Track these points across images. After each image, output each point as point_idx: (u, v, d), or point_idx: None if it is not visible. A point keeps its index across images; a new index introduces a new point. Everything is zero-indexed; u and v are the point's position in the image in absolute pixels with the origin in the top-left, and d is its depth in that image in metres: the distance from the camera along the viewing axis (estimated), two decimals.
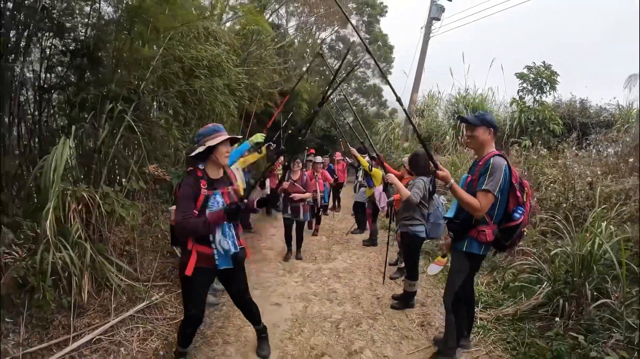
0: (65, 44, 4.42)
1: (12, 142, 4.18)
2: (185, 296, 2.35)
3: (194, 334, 2.48)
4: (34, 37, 4.24)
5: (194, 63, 4.54)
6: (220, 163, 2.25)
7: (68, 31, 4.43)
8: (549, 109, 8.14)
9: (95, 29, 4.22)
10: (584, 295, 2.91)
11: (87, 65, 4.22)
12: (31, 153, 4.24)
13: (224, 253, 2.23)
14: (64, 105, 4.62)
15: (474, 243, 2.38)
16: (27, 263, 2.81)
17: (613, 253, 2.84)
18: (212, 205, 2.16)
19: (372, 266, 4.78)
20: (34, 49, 4.36)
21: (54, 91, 4.54)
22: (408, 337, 3.09)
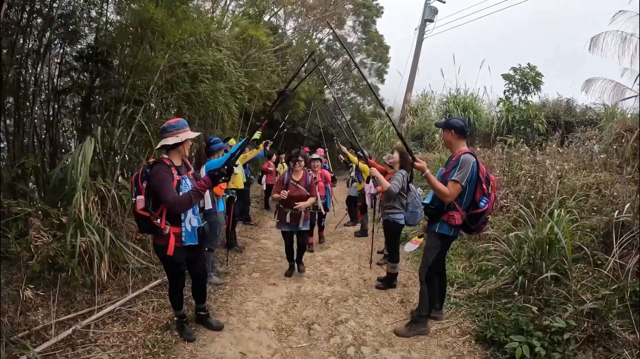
0: (79, 50, 4.83)
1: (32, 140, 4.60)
2: (168, 270, 2.78)
3: (182, 297, 2.88)
4: (51, 43, 4.66)
5: (198, 68, 4.93)
6: (184, 154, 2.68)
7: (83, 38, 4.85)
8: (533, 109, 8.56)
9: (109, 37, 4.61)
10: (543, 274, 3.34)
11: (103, 70, 4.62)
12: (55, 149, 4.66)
13: (191, 230, 2.63)
14: (79, 107, 5.03)
15: (445, 226, 2.82)
16: (56, 246, 3.24)
17: (569, 238, 3.26)
18: (184, 188, 2.54)
19: (361, 254, 5.21)
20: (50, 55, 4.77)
21: (69, 94, 4.95)
22: (389, 311, 3.52)
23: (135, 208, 2.49)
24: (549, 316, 3.01)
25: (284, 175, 4.21)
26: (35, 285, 3.10)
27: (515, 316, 3.01)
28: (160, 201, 2.45)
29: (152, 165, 2.51)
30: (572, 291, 3.12)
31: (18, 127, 4.43)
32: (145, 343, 2.78)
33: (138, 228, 2.71)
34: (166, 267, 2.76)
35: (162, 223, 2.47)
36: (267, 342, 2.91)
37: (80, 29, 4.84)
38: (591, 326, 2.82)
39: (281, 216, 4.12)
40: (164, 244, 2.52)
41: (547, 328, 2.82)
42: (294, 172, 4.17)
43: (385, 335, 3.08)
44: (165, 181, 2.43)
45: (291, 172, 4.19)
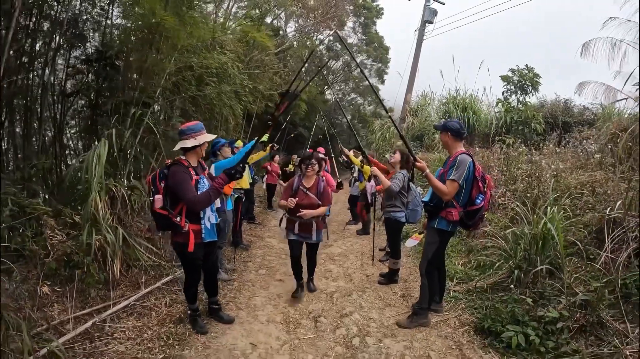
0: (88, 53, 4.97)
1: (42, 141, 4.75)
2: (186, 266, 2.93)
3: (197, 291, 3.05)
4: (60, 47, 4.80)
5: (204, 71, 5.08)
6: (201, 155, 2.83)
7: (90, 42, 4.99)
8: (531, 109, 8.71)
9: (117, 41, 4.76)
10: (537, 268, 3.48)
11: (110, 73, 4.76)
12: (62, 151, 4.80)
13: (210, 227, 2.80)
14: (87, 110, 5.18)
15: (443, 222, 2.98)
16: (71, 244, 3.38)
17: (561, 234, 3.40)
18: (202, 187, 2.69)
19: (364, 252, 5.35)
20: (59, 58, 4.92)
21: (77, 96, 5.10)
22: (391, 305, 3.67)
23: (154, 207, 2.63)
24: (543, 307, 3.16)
25: (293, 180, 3.73)
26: (51, 281, 3.24)
27: (512, 307, 3.16)
28: (179, 200, 2.60)
29: (170, 166, 2.65)
30: (565, 284, 3.27)
31: (28, 128, 4.57)
32: (160, 335, 2.93)
33: (156, 226, 2.83)
34: (184, 263, 2.90)
35: (182, 221, 2.62)
36: (276, 334, 3.06)
37: (88, 34, 4.99)
38: (583, 316, 2.97)
39: (289, 225, 3.63)
40: (184, 241, 2.66)
41: (542, 319, 2.97)
42: (305, 177, 3.64)
43: (388, 327, 3.23)
44: (185, 181, 2.57)
45: (302, 177, 3.66)
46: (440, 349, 2.92)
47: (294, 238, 3.63)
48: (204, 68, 5.20)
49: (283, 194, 3.76)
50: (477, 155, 7.68)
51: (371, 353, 2.82)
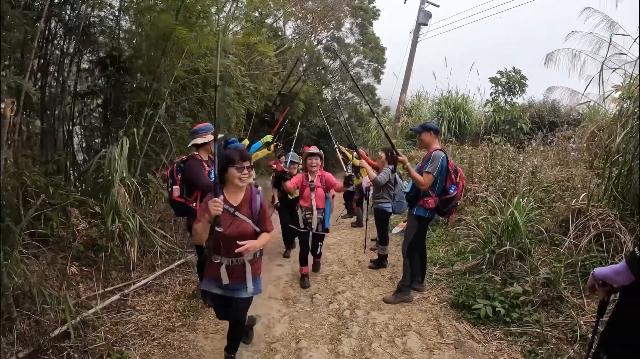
0: (101, 57, 5.37)
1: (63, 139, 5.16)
2: (197, 246, 3.35)
3: None
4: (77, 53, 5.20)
5: (210, 75, 5.49)
6: (210, 151, 3.24)
7: (104, 47, 5.38)
8: (517, 110, 9.17)
9: (131, 47, 5.17)
10: (508, 251, 3.93)
11: (122, 76, 5.17)
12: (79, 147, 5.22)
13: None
14: (101, 110, 5.58)
15: (421, 209, 3.43)
16: (96, 230, 3.81)
17: (523, 221, 3.86)
18: (212, 177, 3.13)
19: (357, 242, 5.80)
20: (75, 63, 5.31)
21: (93, 97, 5.50)
22: (379, 285, 4.12)
23: (172, 196, 3.08)
24: (511, 285, 3.61)
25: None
26: (78, 263, 3.66)
27: (483, 285, 3.61)
28: (196, 188, 3.03)
29: (186, 161, 3.10)
30: (532, 266, 3.72)
31: (52, 127, 4.97)
32: (176, 308, 3.37)
33: (174, 212, 3.27)
34: (197, 244, 3.32)
35: (196, 206, 3.05)
36: (277, 308, 3.51)
37: (102, 40, 5.39)
38: (545, 292, 3.42)
39: (210, 271, 2.39)
40: None
41: (508, 294, 3.42)
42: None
43: (376, 302, 3.68)
44: (200, 172, 3.03)
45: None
46: (419, 320, 3.37)
47: (218, 293, 2.37)
48: (209, 72, 5.61)
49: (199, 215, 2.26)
50: (465, 153, 8.16)
51: (360, 323, 3.27)
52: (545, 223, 4.36)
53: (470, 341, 3.03)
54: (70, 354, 2.65)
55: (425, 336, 3.11)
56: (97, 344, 2.76)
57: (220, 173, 2.22)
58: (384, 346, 2.93)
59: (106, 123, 5.52)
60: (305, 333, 3.10)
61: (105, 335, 2.89)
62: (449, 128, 10.47)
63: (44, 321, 2.87)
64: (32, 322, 2.87)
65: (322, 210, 3.97)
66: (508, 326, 3.18)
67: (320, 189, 3.98)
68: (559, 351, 2.79)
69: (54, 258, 3.64)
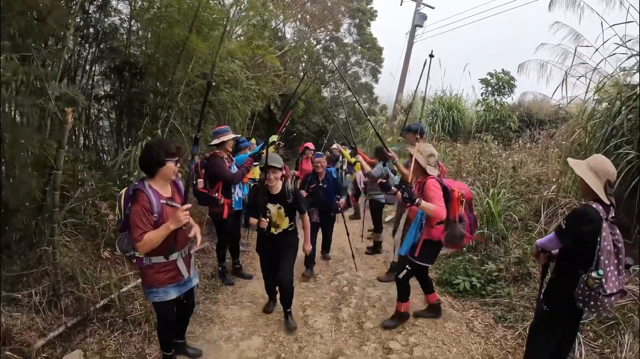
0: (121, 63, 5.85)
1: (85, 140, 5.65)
2: (219, 230, 3.94)
3: (225, 253, 4.04)
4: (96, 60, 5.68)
5: (219, 78, 5.99)
6: (227, 149, 3.81)
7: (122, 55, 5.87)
8: (506, 109, 9.70)
9: (147, 56, 5.66)
10: (487, 236, 4.47)
11: (142, 82, 5.66)
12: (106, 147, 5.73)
13: (238, 199, 3.87)
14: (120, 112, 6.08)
15: None
16: None
17: (496, 210, 4.40)
18: (232, 170, 3.74)
19: (355, 232, 6.31)
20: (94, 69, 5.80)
21: (111, 100, 5.99)
22: (374, 268, 4.66)
23: (197, 188, 3.61)
24: (487, 264, 4.15)
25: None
26: (110, 249, 4.18)
27: (464, 265, 4.16)
28: (218, 180, 3.56)
29: (209, 158, 3.63)
30: (506, 248, 4.27)
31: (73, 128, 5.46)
32: (198, 286, 3.88)
33: (198, 202, 3.81)
34: (219, 228, 3.87)
35: (218, 196, 3.58)
36: None
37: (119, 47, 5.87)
38: (516, 270, 3.97)
39: (164, 270, 2.29)
40: (220, 211, 3.64)
41: (484, 271, 3.97)
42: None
43: (371, 281, 4.22)
44: (223, 165, 3.58)
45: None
46: None
47: (176, 295, 2.36)
48: (218, 76, 6.10)
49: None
50: (456, 150, 8.70)
51: (356, 296, 3.81)
52: (521, 212, 4.90)
53: (450, 309, 3.58)
54: (114, 321, 3.17)
55: (412, 306, 3.64)
56: (135, 313, 3.28)
57: (151, 167, 2.16)
58: (376, 313, 3.48)
59: (122, 125, 6.01)
60: (311, 304, 3.64)
61: (140, 307, 3.41)
62: (443, 127, 10.98)
63: (84, 297, 3.38)
64: (74, 299, 3.38)
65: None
66: (483, 298, 3.73)
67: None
68: (524, 317, 3.34)
69: (87, 244, 4.18)
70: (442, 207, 2.78)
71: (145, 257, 2.19)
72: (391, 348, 2.93)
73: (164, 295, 2.28)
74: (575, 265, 2.11)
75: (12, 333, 2.72)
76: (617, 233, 2.10)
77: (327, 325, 3.26)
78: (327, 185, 4.47)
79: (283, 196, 3.13)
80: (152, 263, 2.21)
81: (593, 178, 2.11)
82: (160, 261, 2.22)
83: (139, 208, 2.06)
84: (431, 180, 2.92)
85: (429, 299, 3.46)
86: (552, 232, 2.33)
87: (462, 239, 2.96)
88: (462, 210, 2.95)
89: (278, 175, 3.05)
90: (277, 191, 3.12)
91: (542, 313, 2.36)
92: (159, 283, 2.25)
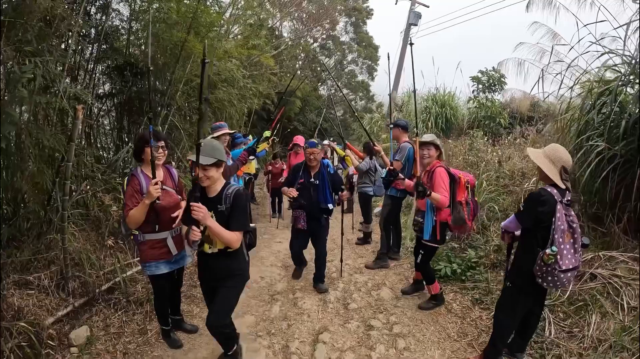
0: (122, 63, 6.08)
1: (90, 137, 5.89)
2: None
3: None
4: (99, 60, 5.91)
5: (216, 77, 6.23)
6: (224, 143, 4.02)
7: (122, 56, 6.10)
8: (497, 106, 9.95)
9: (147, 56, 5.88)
10: None
11: (142, 81, 5.89)
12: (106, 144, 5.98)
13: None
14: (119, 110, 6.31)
15: (393, 190, 4.22)
16: None
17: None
18: (228, 162, 3.93)
19: (346, 224, 6.57)
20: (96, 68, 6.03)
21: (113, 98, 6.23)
22: (363, 257, 4.93)
23: None
24: (468, 252, 4.41)
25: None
26: (114, 237, 4.43)
27: (447, 252, 4.41)
28: None
29: None
30: (487, 237, 4.53)
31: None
32: (195, 271, 4.13)
33: None
34: None
35: None
36: (277, 272, 4.31)
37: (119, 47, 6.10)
38: (495, 257, 4.22)
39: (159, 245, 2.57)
40: None
41: (465, 258, 4.22)
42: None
43: (359, 268, 4.49)
44: None
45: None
46: (393, 280, 4.18)
47: (167, 271, 2.65)
48: (216, 75, 6.35)
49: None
50: (448, 145, 8.95)
51: (344, 281, 4.07)
52: (504, 203, 5.16)
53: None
54: (118, 302, 3.43)
55: (396, 290, 3.91)
56: (137, 295, 3.53)
57: (136, 154, 2.53)
58: (362, 296, 3.74)
59: (123, 122, 6.25)
60: (300, 288, 3.90)
61: (142, 289, 3.66)
62: (436, 124, 11.23)
63: (90, 281, 3.63)
64: (80, 282, 3.63)
65: None
66: (463, 283, 3.99)
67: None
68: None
69: (92, 234, 4.43)
70: (446, 196, 3.09)
71: (140, 234, 2.51)
72: (372, 326, 3.19)
73: (155, 269, 2.58)
74: (534, 244, 2.37)
75: (23, 311, 2.97)
76: (572, 214, 2.35)
77: (315, 306, 3.52)
78: (320, 182, 3.72)
79: (218, 200, 2.27)
80: (145, 239, 2.52)
81: (549, 165, 2.37)
82: (153, 239, 2.53)
83: (130, 189, 2.42)
84: (440, 169, 3.20)
85: (429, 290, 3.68)
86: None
87: (466, 223, 3.22)
88: (467, 195, 3.23)
89: (210, 174, 2.21)
90: (214, 194, 2.30)
91: (506, 289, 2.63)
92: (152, 257, 2.55)
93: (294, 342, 2.94)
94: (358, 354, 2.83)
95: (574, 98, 4.70)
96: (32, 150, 3.31)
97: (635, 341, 2.72)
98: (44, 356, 2.66)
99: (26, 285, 3.29)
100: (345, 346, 2.92)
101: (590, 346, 2.81)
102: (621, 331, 2.80)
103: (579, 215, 4.17)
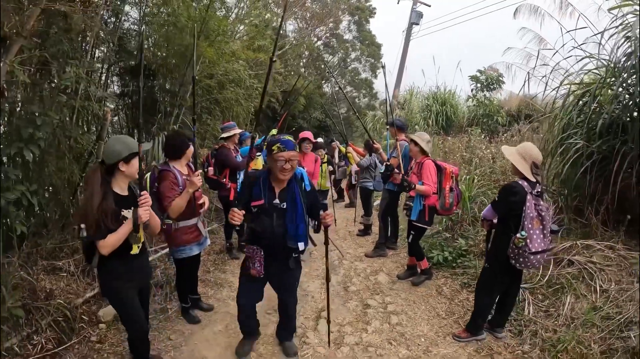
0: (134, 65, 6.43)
1: None
2: (226, 211, 4.47)
3: (232, 231, 4.65)
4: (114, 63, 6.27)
5: (225, 79, 6.59)
6: (234, 141, 4.41)
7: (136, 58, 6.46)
8: (495, 104, 10.24)
9: (160, 58, 6.25)
10: (462, 218, 5.06)
11: (155, 82, 6.26)
12: None
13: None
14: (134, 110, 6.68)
15: (390, 184, 4.55)
16: None
17: (466, 194, 4.99)
18: (238, 158, 4.32)
19: (348, 218, 6.96)
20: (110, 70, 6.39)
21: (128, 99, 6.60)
22: (363, 247, 5.28)
23: (208, 175, 4.23)
24: (459, 241, 4.75)
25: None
26: None
27: (440, 242, 4.76)
28: (226, 167, 4.17)
29: (218, 149, 4.24)
30: (478, 228, 4.86)
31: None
32: (209, 259, 4.52)
33: (209, 187, 4.43)
34: (226, 209, 4.48)
35: (226, 181, 4.21)
36: None
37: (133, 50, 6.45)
38: (484, 245, 4.54)
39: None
40: (227, 194, 4.26)
41: (456, 246, 4.57)
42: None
43: (359, 257, 4.85)
44: (230, 155, 4.18)
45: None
46: (390, 267, 4.53)
47: (196, 251, 3.05)
48: (224, 75, 6.70)
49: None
50: (446, 142, 9.27)
51: (345, 268, 4.44)
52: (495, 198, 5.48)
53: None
54: None
55: (392, 275, 4.27)
56: (157, 279, 3.90)
57: (178, 151, 2.86)
58: (361, 280, 4.11)
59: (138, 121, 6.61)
60: (305, 274, 4.25)
61: (160, 274, 4.03)
62: (437, 121, 11.53)
63: None
64: None
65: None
66: (453, 269, 4.33)
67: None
68: None
69: None
70: (431, 186, 3.62)
71: (174, 223, 2.82)
72: (369, 304, 3.56)
73: (190, 251, 2.92)
74: (507, 229, 2.72)
75: (55, 293, 3.34)
76: (542, 204, 2.70)
77: (318, 289, 3.89)
78: (289, 205, 2.37)
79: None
80: (179, 226, 2.84)
81: (520, 160, 2.72)
82: (186, 225, 2.86)
83: (168, 183, 2.67)
84: (428, 161, 3.74)
85: (419, 265, 4.09)
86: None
87: (452, 207, 3.79)
88: (452, 183, 3.75)
89: (131, 170, 2.03)
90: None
91: (485, 270, 2.99)
92: (186, 242, 2.88)
93: (299, 318, 3.30)
94: (355, 328, 3.20)
95: (557, 99, 5.02)
96: (64, 148, 3.68)
97: (604, 319, 3.06)
98: (77, 330, 3.02)
99: (54, 271, 3.64)
100: (345, 321, 3.29)
101: (564, 323, 3.14)
102: (592, 310, 3.13)
103: (562, 208, 4.51)
